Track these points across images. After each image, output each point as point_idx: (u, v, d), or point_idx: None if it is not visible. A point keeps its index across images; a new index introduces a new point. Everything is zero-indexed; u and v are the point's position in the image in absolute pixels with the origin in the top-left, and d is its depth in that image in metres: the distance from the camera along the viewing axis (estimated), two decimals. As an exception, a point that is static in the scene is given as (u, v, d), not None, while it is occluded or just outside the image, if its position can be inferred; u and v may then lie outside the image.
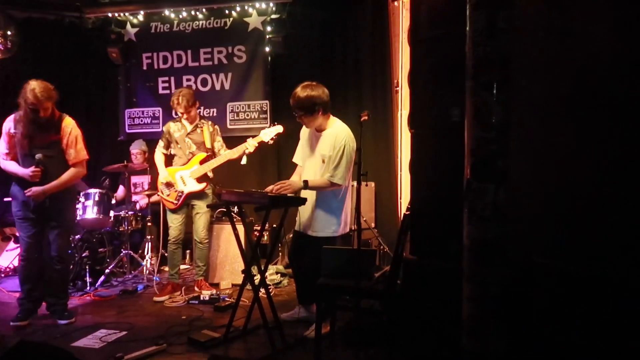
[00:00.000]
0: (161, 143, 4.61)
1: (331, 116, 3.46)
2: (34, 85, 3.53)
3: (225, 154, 4.40)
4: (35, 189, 3.57)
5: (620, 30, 1.61)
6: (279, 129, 4.19)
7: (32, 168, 3.55)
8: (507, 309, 1.62)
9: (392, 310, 2.91)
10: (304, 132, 3.61)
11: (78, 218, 4.84)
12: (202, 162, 4.42)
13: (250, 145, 4.19)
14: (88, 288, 4.60)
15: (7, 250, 5.41)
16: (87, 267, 4.67)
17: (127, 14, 6.02)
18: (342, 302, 3.38)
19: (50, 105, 3.63)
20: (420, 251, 2.65)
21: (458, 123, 2.06)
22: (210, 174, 4.50)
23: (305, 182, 3.29)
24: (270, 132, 4.18)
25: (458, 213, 1.87)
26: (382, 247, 4.63)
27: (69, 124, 3.78)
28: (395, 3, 4.71)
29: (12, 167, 3.66)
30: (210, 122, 4.55)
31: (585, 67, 1.67)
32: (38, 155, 3.57)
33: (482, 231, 1.62)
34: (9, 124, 3.66)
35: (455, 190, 2.03)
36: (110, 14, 5.99)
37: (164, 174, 4.51)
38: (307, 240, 3.46)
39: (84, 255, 4.69)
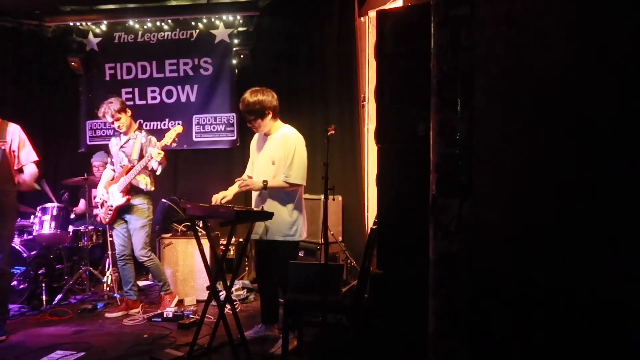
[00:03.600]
0: (109, 159, 4.50)
1: (279, 121, 3.51)
2: None
3: (136, 166, 4.12)
4: None
5: (574, 41, 1.68)
6: (178, 129, 4.01)
7: None
8: (472, 323, 1.63)
9: (359, 325, 2.90)
10: (253, 142, 3.66)
11: (35, 233, 4.67)
12: (125, 174, 4.20)
13: (154, 153, 3.93)
14: (44, 306, 4.41)
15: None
16: (43, 284, 4.48)
17: (89, 23, 5.88)
18: (309, 317, 3.34)
19: None
20: (387, 265, 2.65)
21: (423, 138, 2.08)
22: (145, 187, 4.22)
23: (265, 182, 3.30)
24: (170, 134, 3.97)
25: (424, 227, 1.88)
26: (349, 261, 4.62)
27: (15, 129, 3.73)
28: (362, 19, 4.77)
29: None
30: (144, 134, 4.30)
31: (541, 80, 1.73)
32: None
33: (447, 245, 1.64)
34: None
35: (421, 204, 2.04)
36: (71, 23, 5.84)
37: (98, 193, 4.39)
38: (262, 246, 3.46)
39: (40, 272, 4.49)
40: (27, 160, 3.79)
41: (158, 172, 4.18)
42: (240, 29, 5.66)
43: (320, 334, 3.38)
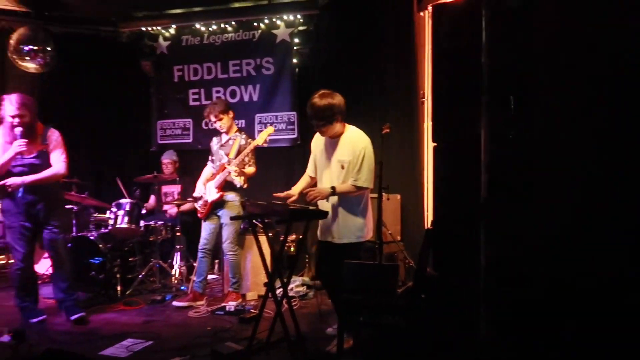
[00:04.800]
0: (209, 157, 4.75)
1: (345, 124, 3.42)
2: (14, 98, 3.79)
3: (231, 165, 4.38)
4: (13, 179, 3.73)
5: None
6: (269, 130, 4.27)
7: (20, 141, 3.69)
8: (525, 329, 1.56)
9: (415, 326, 2.85)
10: (316, 143, 3.56)
11: (110, 227, 4.99)
12: (222, 171, 4.48)
13: (249, 151, 4.30)
14: (119, 296, 4.71)
15: (44, 257, 5.60)
16: (118, 275, 4.78)
17: (159, 27, 6.19)
18: (365, 317, 3.32)
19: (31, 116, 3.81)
20: (443, 267, 2.59)
21: (477, 137, 2.01)
22: (238, 183, 4.43)
23: (333, 188, 3.23)
24: (262, 135, 4.25)
25: (477, 229, 1.82)
26: (407, 261, 4.55)
27: (53, 134, 3.97)
28: (421, 13, 4.66)
29: (1, 159, 3.75)
30: (245, 136, 4.56)
31: (600, 73, 1.60)
32: (19, 129, 3.71)
33: (498, 250, 1.57)
34: None
35: (476, 206, 1.97)
36: (143, 28, 6.17)
37: (197, 189, 4.67)
38: (331, 248, 3.40)
39: (115, 263, 4.80)
40: (54, 165, 3.93)
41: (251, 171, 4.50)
42: (300, 28, 5.73)
43: (376, 335, 3.35)
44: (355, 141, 3.32)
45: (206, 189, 4.54)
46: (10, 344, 2.58)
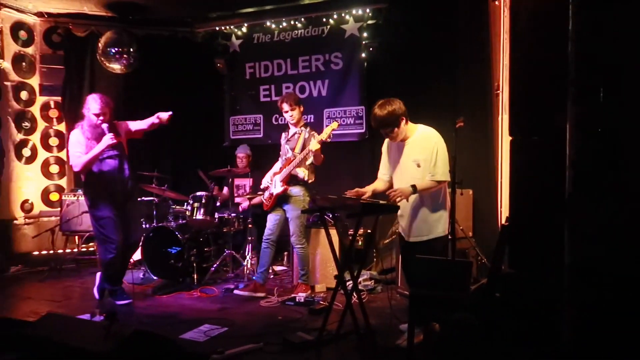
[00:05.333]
0: (280, 152, 4.88)
1: (410, 123, 3.43)
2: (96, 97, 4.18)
3: (296, 159, 4.46)
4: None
5: None
6: (334, 125, 4.25)
7: (108, 134, 4.07)
8: (611, 332, 1.48)
9: (488, 324, 2.78)
10: (388, 146, 3.61)
11: (187, 218, 5.26)
12: (286, 165, 4.56)
13: (314, 146, 4.23)
14: (195, 284, 4.96)
15: (127, 246, 5.99)
16: (194, 264, 5.03)
17: (232, 26, 6.40)
18: (436, 312, 3.29)
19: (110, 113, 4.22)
20: (519, 264, 2.50)
21: (561, 130, 1.93)
22: (304, 177, 4.52)
23: (414, 186, 3.24)
24: (327, 130, 4.25)
25: (561, 227, 1.75)
26: (480, 257, 4.44)
27: (121, 125, 4.39)
28: (496, 2, 4.49)
29: (93, 151, 4.11)
30: (309, 129, 4.63)
31: None
32: (104, 125, 4.10)
33: (585, 249, 1.50)
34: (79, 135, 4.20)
35: (558, 202, 1.90)
36: (217, 28, 6.41)
37: (264, 180, 4.78)
38: (415, 245, 3.40)
39: (191, 253, 5.05)
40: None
41: (319, 164, 4.51)
42: (369, 22, 5.71)
43: (447, 331, 3.31)
44: (426, 138, 3.35)
45: (272, 182, 4.65)
46: (103, 324, 2.80)
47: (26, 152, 6.14)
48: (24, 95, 6.12)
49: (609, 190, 1.50)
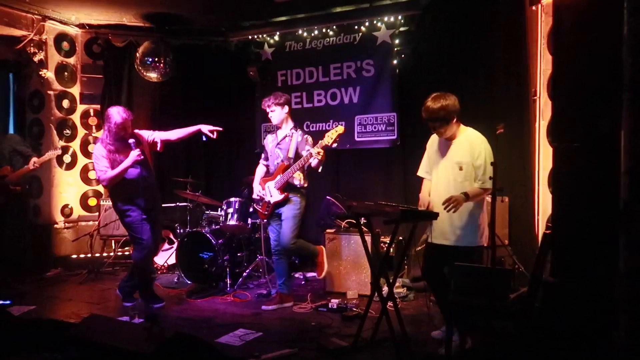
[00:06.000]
0: (263, 155, 4.73)
1: (461, 124, 3.37)
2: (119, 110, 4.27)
3: (294, 165, 4.23)
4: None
5: None
6: (339, 129, 4.01)
7: (135, 149, 4.18)
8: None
9: (528, 334, 2.74)
10: (432, 143, 3.54)
11: (221, 224, 5.34)
12: (282, 172, 4.34)
13: (315, 152, 4.00)
14: (228, 289, 5.02)
15: (162, 250, 6.13)
16: (227, 269, 5.09)
17: (265, 35, 6.49)
18: (474, 321, 3.25)
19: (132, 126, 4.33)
20: (562, 273, 2.46)
21: (607, 136, 1.89)
22: (300, 182, 4.31)
23: (466, 194, 3.16)
24: (331, 135, 3.98)
25: (606, 235, 1.71)
26: (517, 266, 4.36)
27: (142, 135, 4.48)
28: (533, 7, 4.44)
29: (120, 166, 4.20)
30: (300, 132, 4.40)
31: None
32: (131, 140, 4.19)
33: (640, 257, 1.47)
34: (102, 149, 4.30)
35: (604, 209, 1.86)
36: (250, 37, 6.51)
37: (255, 190, 4.58)
38: (447, 251, 3.31)
39: (225, 258, 5.11)
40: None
41: (319, 170, 4.21)
42: (401, 29, 5.70)
43: (485, 340, 3.27)
44: (473, 142, 3.27)
45: (265, 190, 4.44)
46: (144, 327, 2.86)
47: (67, 158, 6.35)
48: (65, 103, 6.34)
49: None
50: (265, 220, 4.72)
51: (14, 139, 5.75)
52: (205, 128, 4.36)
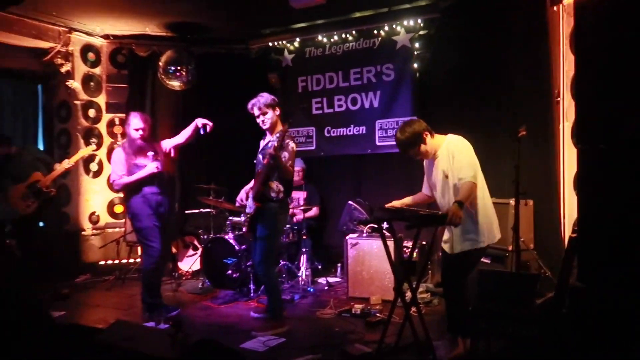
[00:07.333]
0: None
1: (437, 136, 3.35)
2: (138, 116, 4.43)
3: (263, 170, 3.89)
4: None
5: None
6: (283, 128, 3.81)
7: (154, 161, 4.32)
8: None
9: (555, 341, 2.68)
10: (425, 163, 3.55)
11: (244, 230, 5.38)
12: (256, 180, 4.03)
13: (269, 154, 3.74)
14: (252, 294, 5.05)
15: (187, 256, 6.21)
16: (250, 275, 5.13)
17: (285, 41, 6.54)
18: (498, 327, 3.20)
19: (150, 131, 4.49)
20: (590, 279, 2.40)
21: (633, 137, 1.85)
22: (276, 193, 3.91)
23: (458, 202, 3.04)
24: (279, 136, 3.78)
25: (635, 238, 1.67)
26: (542, 270, 4.28)
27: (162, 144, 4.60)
28: (555, 8, 4.37)
29: (136, 175, 4.32)
30: (285, 135, 3.89)
31: None
32: (150, 153, 4.36)
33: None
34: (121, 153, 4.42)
35: (632, 211, 1.81)
36: (270, 44, 6.57)
37: (238, 196, 4.23)
38: (447, 258, 3.34)
39: (248, 264, 5.16)
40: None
41: (287, 176, 3.91)
42: (421, 32, 5.67)
43: (510, 346, 3.21)
44: (447, 147, 3.28)
45: (248, 201, 4.12)
46: (169, 332, 2.90)
47: (93, 166, 6.50)
48: (91, 113, 6.49)
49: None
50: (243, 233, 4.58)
51: (33, 148, 5.90)
52: (200, 121, 4.47)
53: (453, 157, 3.19)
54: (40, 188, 5.16)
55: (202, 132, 4.50)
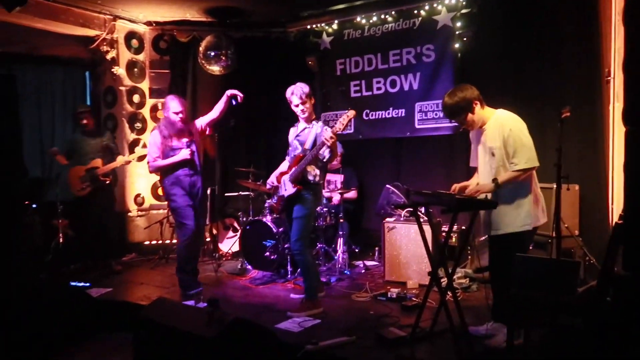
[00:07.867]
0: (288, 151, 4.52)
1: (488, 108, 3.24)
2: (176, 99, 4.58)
3: (307, 155, 3.97)
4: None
5: None
6: (350, 114, 3.84)
7: (187, 148, 4.45)
8: None
9: (597, 330, 2.58)
10: (473, 134, 3.45)
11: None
12: (297, 163, 4.06)
13: (328, 135, 3.73)
14: (289, 276, 5.12)
15: (227, 238, 6.36)
16: (288, 257, 5.20)
17: (323, 24, 6.48)
18: (539, 315, 3.11)
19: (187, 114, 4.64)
20: (636, 267, 2.29)
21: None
22: (315, 177, 4.03)
23: (495, 180, 3.08)
24: (343, 120, 3.77)
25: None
26: (587, 258, 4.11)
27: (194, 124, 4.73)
28: (607, -20, 4.12)
29: (168, 160, 4.45)
30: (321, 124, 4.11)
31: None
32: (184, 140, 4.49)
33: None
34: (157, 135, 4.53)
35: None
36: (308, 26, 6.53)
37: (269, 179, 4.36)
38: (494, 241, 3.26)
39: (285, 246, 5.22)
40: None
41: (326, 159, 4.00)
42: (463, 11, 5.47)
43: (550, 335, 3.12)
44: (500, 124, 3.15)
45: (281, 184, 4.19)
46: (206, 310, 2.99)
47: (138, 150, 6.71)
48: (136, 98, 6.69)
49: None
50: (277, 215, 4.72)
51: (111, 136, 6.09)
52: (230, 92, 4.58)
53: (511, 140, 3.08)
54: (97, 175, 5.40)
55: (233, 102, 4.58)
